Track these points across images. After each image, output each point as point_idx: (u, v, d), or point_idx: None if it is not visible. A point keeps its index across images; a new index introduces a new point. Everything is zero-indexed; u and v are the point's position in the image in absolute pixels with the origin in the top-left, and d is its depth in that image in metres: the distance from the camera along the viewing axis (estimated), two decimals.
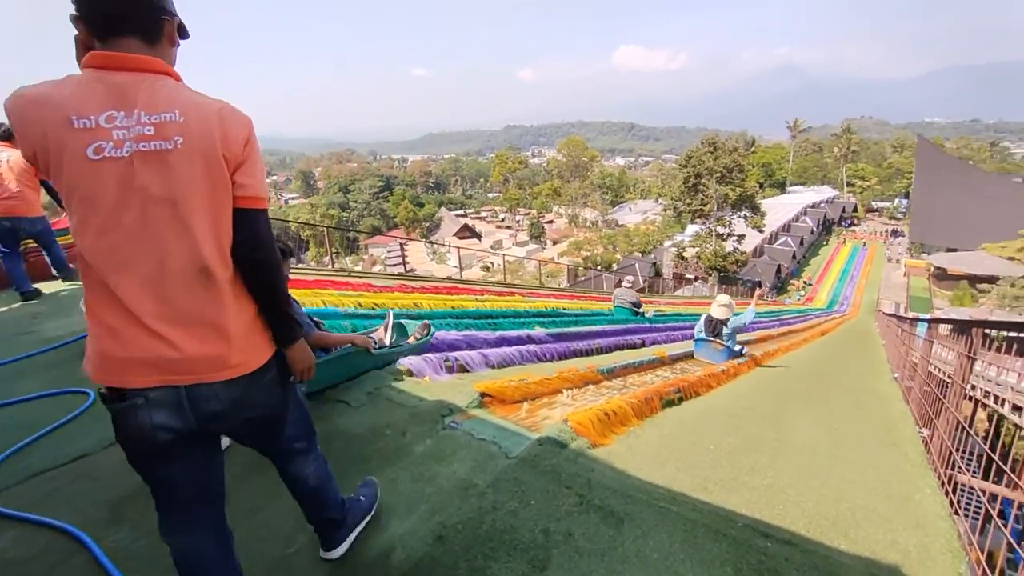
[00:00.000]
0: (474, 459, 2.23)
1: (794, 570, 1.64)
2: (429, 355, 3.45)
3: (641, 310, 8.88)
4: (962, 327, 3.02)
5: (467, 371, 3.57)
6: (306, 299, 5.10)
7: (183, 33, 1.23)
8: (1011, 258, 35.22)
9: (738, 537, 1.79)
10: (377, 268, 49.67)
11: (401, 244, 46.31)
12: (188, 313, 1.13)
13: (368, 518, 1.81)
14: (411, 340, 3.55)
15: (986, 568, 1.71)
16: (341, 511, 1.67)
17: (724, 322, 5.76)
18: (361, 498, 1.82)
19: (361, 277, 8.87)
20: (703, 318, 6.00)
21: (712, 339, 5.78)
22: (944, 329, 4.93)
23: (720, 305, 5.85)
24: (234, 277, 1.20)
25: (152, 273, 1.09)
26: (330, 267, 11.46)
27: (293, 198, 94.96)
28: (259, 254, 1.22)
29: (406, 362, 3.26)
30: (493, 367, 3.80)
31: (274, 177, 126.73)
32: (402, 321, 3.69)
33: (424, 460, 2.24)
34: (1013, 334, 2.71)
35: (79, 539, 1.72)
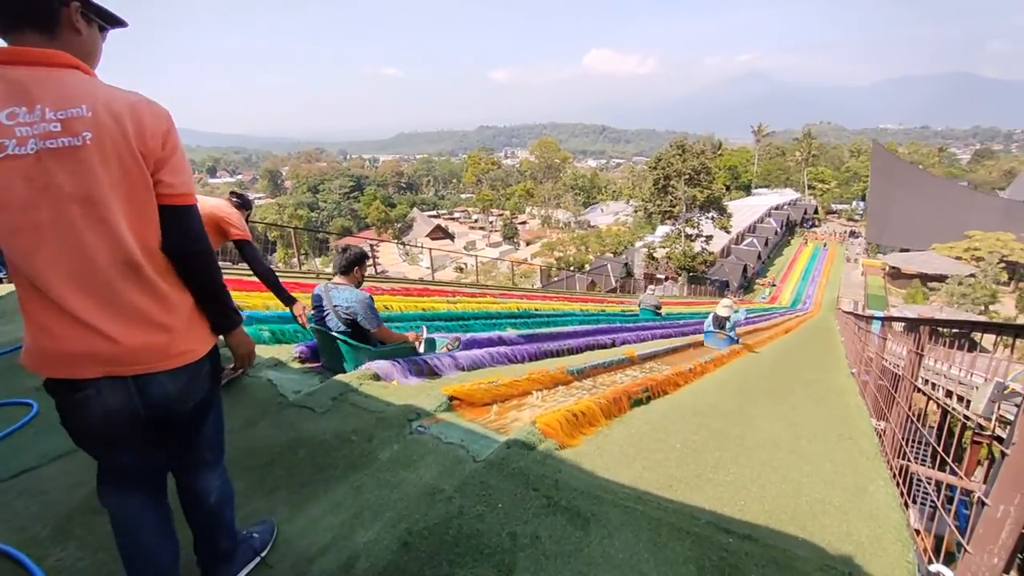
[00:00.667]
0: (441, 464, 2.20)
1: (754, 565, 1.68)
2: (397, 358, 3.40)
3: (661, 311, 11.42)
4: (911, 325, 3.17)
5: (436, 374, 3.53)
6: (270, 302, 4.96)
7: (107, 19, 1.18)
8: (958, 258, 37.30)
9: (701, 534, 1.82)
10: None
11: (372, 245, 45.57)
12: (123, 306, 1.14)
13: (258, 560, 1.63)
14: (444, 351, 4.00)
15: (931, 555, 1.79)
16: (234, 542, 1.55)
17: (726, 318, 7.46)
18: (254, 535, 1.68)
19: (329, 279, 8.71)
20: (711, 316, 7.68)
21: (718, 331, 7.49)
22: (898, 326, 5.18)
23: (724, 306, 7.60)
24: (167, 268, 1.22)
25: (78, 270, 1.08)
26: (298, 269, 11.21)
27: (259, 197, 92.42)
28: (191, 248, 1.24)
29: (373, 365, 3.20)
30: (463, 370, 3.77)
31: (239, 176, 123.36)
32: (434, 337, 4.06)
33: (390, 466, 2.20)
34: (959, 330, 2.86)
35: (17, 559, 1.62)
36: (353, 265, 3.40)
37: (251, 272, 3.09)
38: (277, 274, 3.24)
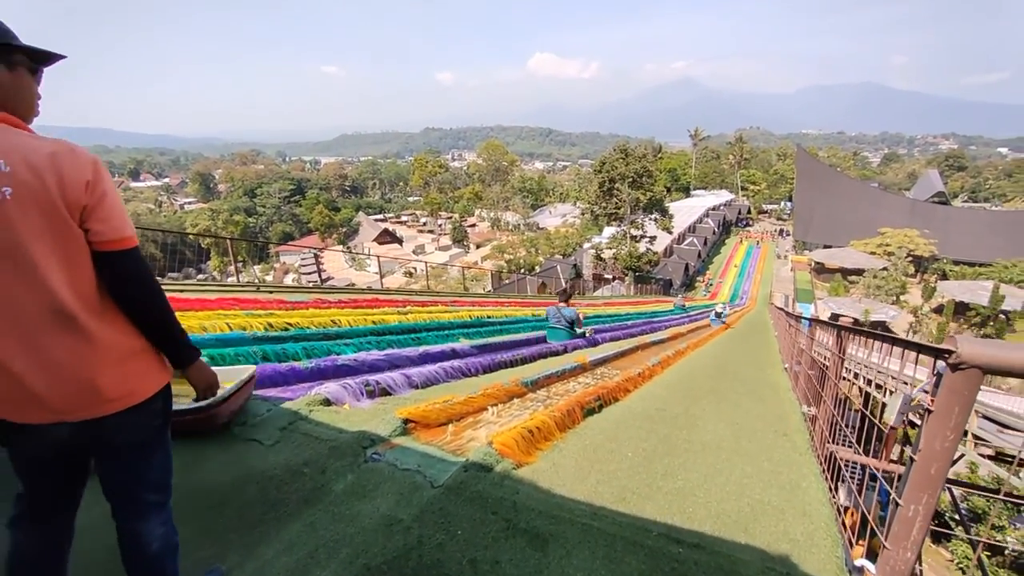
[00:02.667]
0: (398, 492, 2.17)
1: (703, 573, 1.78)
2: (348, 380, 3.32)
3: (685, 306, 19.24)
4: (835, 328, 3.45)
5: (389, 394, 3.47)
6: (209, 322, 4.70)
7: (38, 59, 1.20)
8: (872, 253, 40.78)
9: (653, 546, 1.91)
10: (290, 277, 46.76)
11: (316, 255, 43.81)
12: (52, 357, 1.14)
13: None
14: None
15: (856, 542, 1.97)
16: None
17: (721, 312, 14.96)
18: None
19: (272, 292, 8.32)
20: (713, 312, 15.37)
21: (716, 318, 14.79)
22: (824, 315, 5.64)
23: (720, 305, 15.50)
24: (104, 314, 1.21)
25: (7, 321, 1.10)
26: (236, 281, 10.64)
27: (190, 202, 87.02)
28: (130, 292, 1.24)
29: (323, 390, 3.11)
30: (417, 387, 3.73)
31: (166, 179, 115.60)
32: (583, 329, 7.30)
33: (345, 498, 2.15)
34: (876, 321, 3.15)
35: None
36: (568, 297, 7.36)
37: (182, 289, 2.91)
38: (212, 287, 3.09)
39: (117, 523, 1.37)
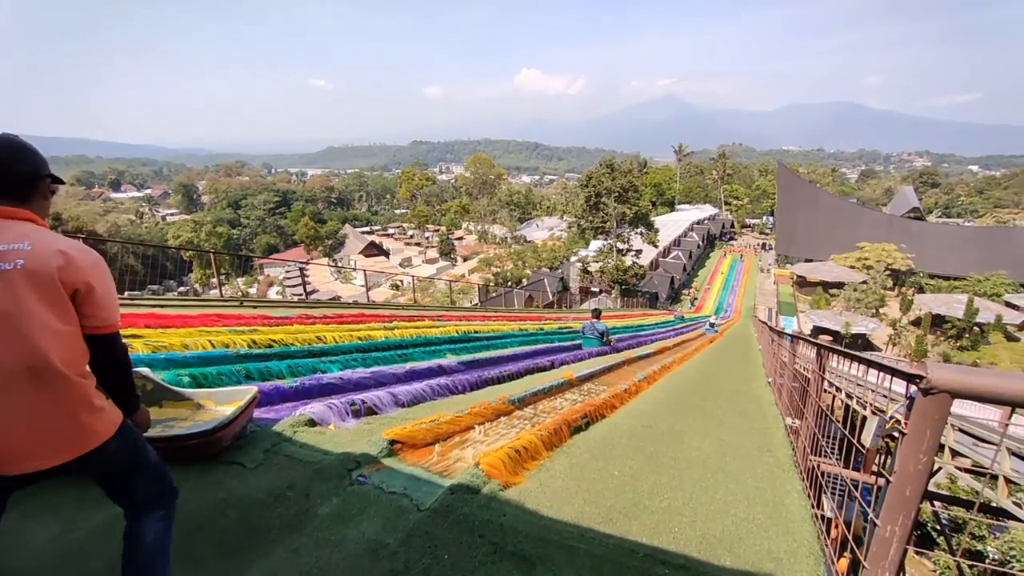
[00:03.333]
0: (384, 516, 2.15)
1: None
2: (333, 400, 3.29)
3: (684, 317, 24.67)
4: (816, 347, 3.52)
5: (375, 413, 3.44)
6: (190, 339, 4.62)
7: (57, 181, 1.54)
8: (852, 266, 41.66)
9: (639, 568, 1.91)
10: (274, 290, 46.17)
11: (301, 268, 43.25)
12: (15, 409, 1.31)
13: None
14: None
15: (838, 553, 2.00)
16: None
17: (714, 324, 20.27)
18: None
19: (255, 307, 8.22)
20: (707, 324, 20.43)
21: (711, 328, 19.50)
22: (806, 330, 5.75)
23: (714, 317, 23.86)
24: (81, 375, 1.42)
25: None
26: (219, 294, 10.49)
27: (172, 214, 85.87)
28: (108, 365, 1.53)
29: (308, 410, 3.08)
30: (404, 406, 3.70)
31: (148, 191, 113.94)
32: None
33: (330, 523, 2.12)
34: (856, 334, 3.22)
35: None
36: (599, 314, 9.24)
37: (163, 304, 2.91)
38: (193, 301, 3.06)
39: (126, 521, 1.59)
